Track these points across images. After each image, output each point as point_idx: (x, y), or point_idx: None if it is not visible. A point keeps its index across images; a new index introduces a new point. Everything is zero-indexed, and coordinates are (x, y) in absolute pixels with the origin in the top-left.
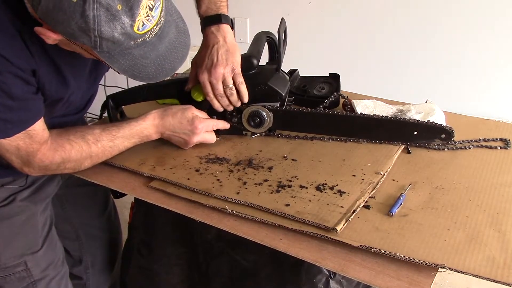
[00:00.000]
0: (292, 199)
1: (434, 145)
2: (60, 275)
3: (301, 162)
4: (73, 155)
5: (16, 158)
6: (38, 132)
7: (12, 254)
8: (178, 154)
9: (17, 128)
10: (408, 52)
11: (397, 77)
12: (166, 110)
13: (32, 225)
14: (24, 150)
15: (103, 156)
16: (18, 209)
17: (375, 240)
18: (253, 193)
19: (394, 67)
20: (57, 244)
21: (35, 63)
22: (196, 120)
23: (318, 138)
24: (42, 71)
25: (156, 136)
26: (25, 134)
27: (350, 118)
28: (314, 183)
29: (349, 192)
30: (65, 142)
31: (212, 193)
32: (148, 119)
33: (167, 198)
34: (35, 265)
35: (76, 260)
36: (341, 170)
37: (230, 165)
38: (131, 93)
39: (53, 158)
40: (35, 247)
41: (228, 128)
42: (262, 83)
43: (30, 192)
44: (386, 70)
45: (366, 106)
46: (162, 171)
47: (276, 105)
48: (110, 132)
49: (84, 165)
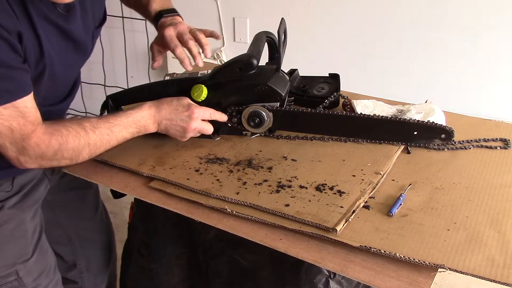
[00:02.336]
0: (292, 199)
1: (434, 145)
2: (53, 283)
3: (301, 162)
4: (70, 141)
5: (11, 145)
6: (30, 111)
7: (2, 263)
8: (178, 154)
9: (3, 99)
10: (408, 52)
11: (397, 77)
12: (161, 100)
13: (22, 233)
14: (18, 132)
15: (101, 146)
16: (7, 217)
17: (375, 240)
18: (253, 193)
19: (394, 67)
20: (48, 251)
21: (20, 25)
22: (192, 106)
23: (318, 138)
24: (26, 36)
25: (154, 127)
26: (17, 113)
27: (350, 118)
28: (314, 183)
29: (349, 192)
30: (61, 127)
31: (211, 193)
32: (144, 108)
33: (167, 198)
34: (27, 274)
35: (70, 265)
36: (341, 170)
37: (230, 165)
38: (131, 93)
39: (50, 142)
40: (26, 256)
41: (225, 120)
42: (262, 83)
43: (18, 199)
44: (386, 70)
45: (366, 106)
46: (162, 171)
47: (276, 105)
48: (107, 119)
49: (82, 155)
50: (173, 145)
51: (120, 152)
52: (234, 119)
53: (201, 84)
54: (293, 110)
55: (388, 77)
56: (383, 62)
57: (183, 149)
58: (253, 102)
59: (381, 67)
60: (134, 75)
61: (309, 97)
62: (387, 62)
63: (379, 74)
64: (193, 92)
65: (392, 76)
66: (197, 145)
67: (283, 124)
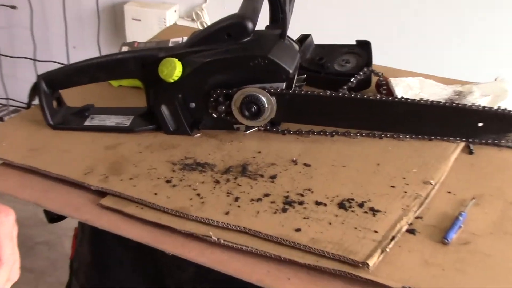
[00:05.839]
0: (305, 222)
1: (507, 141)
2: None
3: (317, 168)
4: None
5: None
6: None
7: None
8: (141, 158)
9: None
10: (470, 9)
11: (454, 46)
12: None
13: None
14: None
15: None
16: None
17: (424, 278)
18: (248, 213)
19: (449, 31)
20: None
21: None
22: None
23: (342, 133)
24: None
25: None
26: None
27: (386, 104)
28: (336, 198)
29: (385, 211)
30: None
31: (190, 213)
32: None
33: (125, 222)
34: None
35: None
36: (375, 179)
37: (216, 174)
38: (73, 72)
39: None
40: None
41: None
42: (260, 56)
43: None
44: (437, 36)
45: (410, 86)
46: (118, 182)
47: (281, 86)
48: None
49: None
50: (134, 144)
51: (58, 156)
52: (221, 107)
53: (173, 57)
54: (306, 93)
55: (440, 46)
56: (433, 24)
57: (148, 151)
58: (249, 82)
59: (430, 31)
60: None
61: (329, 74)
62: (438, 24)
63: (427, 41)
64: (162, 69)
65: (446, 44)
66: (168, 145)
67: (292, 113)
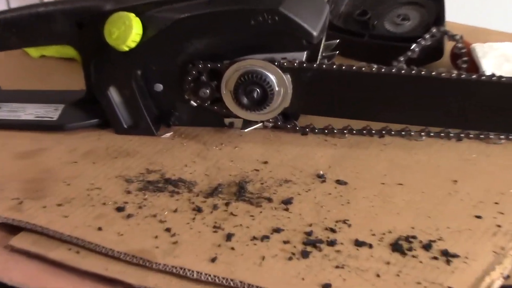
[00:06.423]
0: (338, 273)
1: None
2: None
3: (357, 187)
4: None
5: None
6: None
7: None
8: (76, 171)
9: None
10: None
11: None
12: None
13: None
14: None
15: None
16: None
17: None
18: (248, 259)
19: None
20: None
21: None
22: None
23: (396, 132)
24: None
25: None
26: None
27: (469, 85)
28: (388, 234)
29: (467, 256)
30: None
31: (154, 260)
32: None
33: (50, 274)
34: None
35: None
36: (449, 205)
37: (196, 196)
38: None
39: None
40: None
41: None
42: (266, 9)
43: None
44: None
45: (505, 57)
46: (40, 211)
47: (300, 57)
48: None
49: None
50: (65, 150)
51: None
52: (205, 90)
53: (127, 11)
54: (340, 68)
55: None
56: None
57: (87, 161)
58: (248, 52)
59: None
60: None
61: (376, 37)
62: None
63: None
64: (110, 29)
65: None
66: (120, 151)
67: (316, 101)
